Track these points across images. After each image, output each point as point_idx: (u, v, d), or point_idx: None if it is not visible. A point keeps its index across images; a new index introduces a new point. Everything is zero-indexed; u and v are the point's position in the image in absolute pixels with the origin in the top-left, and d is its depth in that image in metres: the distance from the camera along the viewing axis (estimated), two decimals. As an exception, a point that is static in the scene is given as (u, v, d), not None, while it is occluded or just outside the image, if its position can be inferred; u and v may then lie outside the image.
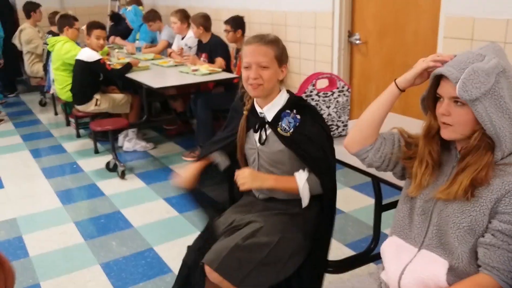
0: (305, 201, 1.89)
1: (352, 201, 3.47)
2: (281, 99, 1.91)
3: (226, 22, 4.52)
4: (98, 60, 4.33)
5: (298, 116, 1.88)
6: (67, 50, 4.56)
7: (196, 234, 2.90)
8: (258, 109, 1.94)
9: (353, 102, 4.24)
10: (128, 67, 4.52)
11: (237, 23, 4.50)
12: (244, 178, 1.86)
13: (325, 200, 1.90)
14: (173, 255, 2.82)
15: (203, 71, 4.38)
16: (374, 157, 1.53)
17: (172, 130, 5.20)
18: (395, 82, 1.48)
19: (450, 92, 1.28)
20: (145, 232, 3.10)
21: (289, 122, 1.87)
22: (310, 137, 1.85)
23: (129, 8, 6.09)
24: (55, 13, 6.21)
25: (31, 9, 6.45)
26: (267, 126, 1.91)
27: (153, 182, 3.91)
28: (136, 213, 3.38)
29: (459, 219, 1.31)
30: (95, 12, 7.75)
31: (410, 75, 1.45)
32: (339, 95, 2.36)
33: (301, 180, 1.86)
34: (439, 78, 1.33)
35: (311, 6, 4.27)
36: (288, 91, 1.96)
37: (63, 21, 4.82)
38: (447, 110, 1.30)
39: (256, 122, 1.94)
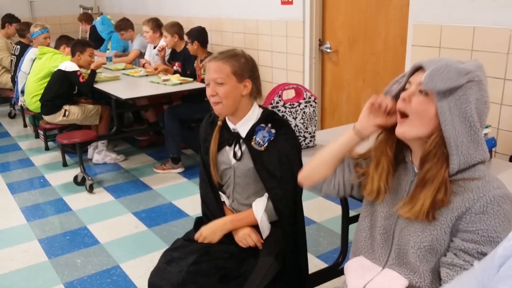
0: (265, 233, 1.85)
1: (324, 211, 3.43)
2: (254, 114, 1.86)
3: (187, 33, 4.43)
4: (75, 71, 4.31)
5: (273, 131, 1.82)
6: (56, 60, 4.55)
7: (165, 249, 2.81)
8: (231, 125, 1.89)
9: (325, 111, 4.22)
10: (93, 74, 4.44)
11: (193, 34, 4.34)
12: (206, 238, 1.85)
13: (284, 225, 1.85)
14: (140, 272, 2.72)
15: (174, 81, 4.31)
16: (328, 188, 1.50)
17: (144, 141, 5.10)
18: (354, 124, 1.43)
19: (419, 79, 1.24)
20: (111, 249, 3.00)
21: (264, 136, 1.82)
22: (283, 154, 1.80)
23: (97, 18, 5.99)
24: (25, 23, 6.10)
25: (7, 21, 6.35)
26: (241, 141, 1.86)
27: (123, 196, 3.81)
28: (103, 228, 3.27)
29: (420, 238, 1.26)
30: (66, 21, 7.62)
31: (362, 114, 1.40)
32: (305, 106, 2.32)
33: (258, 213, 1.82)
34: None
35: (282, 14, 4.25)
36: (260, 106, 1.92)
37: (63, 41, 4.88)
38: (409, 96, 1.25)
39: (229, 138, 1.88)
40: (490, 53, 2.73)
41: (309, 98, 2.34)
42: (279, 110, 2.25)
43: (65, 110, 4.35)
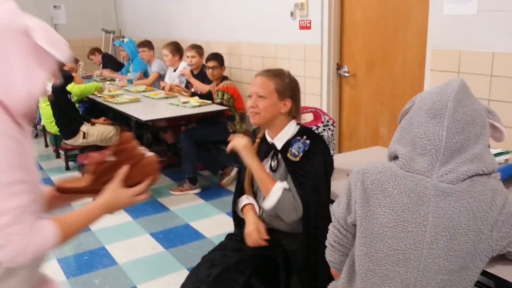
0: (267, 204, 1.88)
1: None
2: (290, 129, 1.98)
3: (214, 57, 4.55)
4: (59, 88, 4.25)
5: (308, 141, 1.91)
6: None
7: (182, 271, 2.83)
8: (269, 140, 2.01)
9: (343, 134, 4.22)
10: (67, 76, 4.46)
11: (221, 59, 4.57)
12: (238, 141, 1.92)
13: (307, 237, 1.88)
14: (157, 294, 2.73)
15: (193, 104, 4.37)
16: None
17: (162, 162, 5.15)
18: None
19: None
20: (129, 269, 3.01)
21: (299, 147, 1.90)
22: (317, 165, 1.87)
23: (126, 39, 6.15)
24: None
25: None
26: (279, 154, 1.96)
27: (141, 216, 3.83)
28: (121, 249, 3.30)
29: None
30: (89, 44, 7.79)
31: None
32: (324, 130, 2.34)
33: (279, 185, 1.88)
34: None
35: (300, 39, 4.30)
36: (298, 124, 2.03)
37: None
38: None
39: (267, 150, 2.01)
40: (510, 78, 2.71)
41: (327, 121, 2.35)
42: (297, 134, 2.28)
43: (84, 132, 4.42)
